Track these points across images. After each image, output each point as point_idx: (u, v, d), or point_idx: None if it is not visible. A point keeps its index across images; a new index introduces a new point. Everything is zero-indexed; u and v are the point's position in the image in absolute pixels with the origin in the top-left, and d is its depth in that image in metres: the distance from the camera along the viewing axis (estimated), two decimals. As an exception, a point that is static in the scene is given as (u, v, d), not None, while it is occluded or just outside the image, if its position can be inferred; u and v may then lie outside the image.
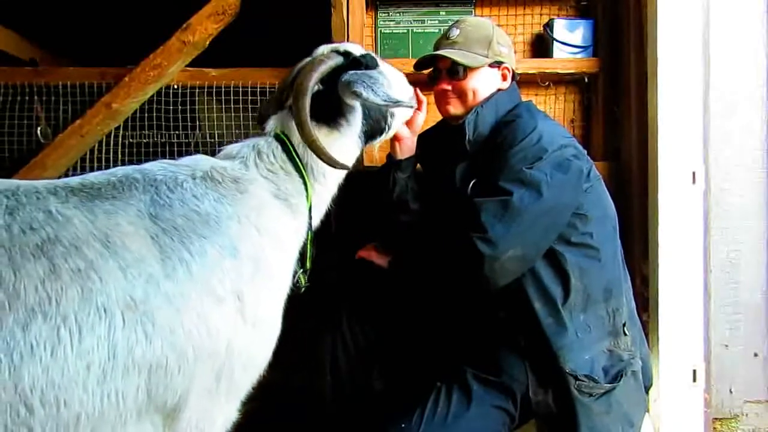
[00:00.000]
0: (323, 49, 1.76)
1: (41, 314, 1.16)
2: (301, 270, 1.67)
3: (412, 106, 1.86)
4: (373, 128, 1.80)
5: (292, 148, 1.64)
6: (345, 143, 1.72)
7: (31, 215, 1.24)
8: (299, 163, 1.64)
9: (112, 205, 1.33)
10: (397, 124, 1.88)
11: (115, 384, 1.21)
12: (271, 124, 1.70)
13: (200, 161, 1.57)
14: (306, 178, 1.64)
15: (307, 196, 1.65)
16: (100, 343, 1.19)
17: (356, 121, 1.74)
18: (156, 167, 1.49)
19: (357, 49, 1.78)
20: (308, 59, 1.72)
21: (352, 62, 1.71)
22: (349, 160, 1.73)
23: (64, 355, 1.16)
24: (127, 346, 1.22)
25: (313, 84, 1.59)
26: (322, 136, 1.62)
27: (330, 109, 1.67)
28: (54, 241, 1.22)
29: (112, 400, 1.21)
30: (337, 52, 1.72)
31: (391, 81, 1.76)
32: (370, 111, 1.76)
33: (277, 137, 1.66)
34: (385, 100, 1.61)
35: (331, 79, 1.65)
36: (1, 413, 1.12)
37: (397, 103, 1.66)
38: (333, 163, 1.60)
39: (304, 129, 1.56)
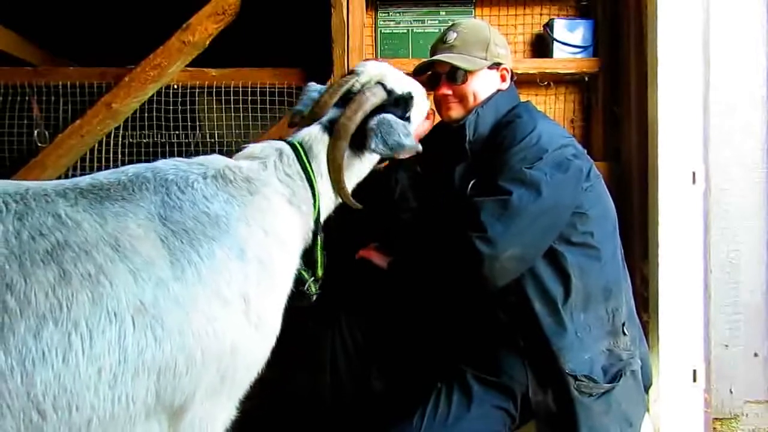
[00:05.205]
0: (371, 73, 1.76)
1: (52, 320, 1.16)
2: (312, 278, 1.68)
3: (416, 152, 1.74)
4: (388, 156, 1.82)
5: (306, 160, 1.65)
6: (361, 168, 1.79)
7: (40, 220, 1.24)
8: (312, 175, 1.65)
9: (122, 208, 1.33)
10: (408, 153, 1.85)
11: (125, 387, 1.22)
12: (300, 136, 1.71)
13: (214, 160, 1.57)
14: (315, 188, 1.66)
15: (315, 205, 1.66)
16: (110, 347, 1.20)
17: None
18: (168, 166, 1.48)
19: (399, 85, 1.80)
20: (354, 78, 1.75)
21: (394, 101, 1.76)
22: (356, 181, 1.80)
23: (76, 361, 1.17)
24: (138, 349, 1.23)
25: (356, 127, 1.65)
26: (345, 158, 1.67)
27: (358, 136, 1.69)
28: (64, 246, 1.22)
29: (122, 403, 1.22)
30: (383, 87, 1.75)
31: (414, 114, 1.82)
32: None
33: (294, 145, 1.67)
34: (389, 149, 1.66)
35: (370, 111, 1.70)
36: (14, 419, 1.13)
37: (402, 147, 1.67)
38: (350, 203, 1.70)
39: (338, 173, 1.64)
